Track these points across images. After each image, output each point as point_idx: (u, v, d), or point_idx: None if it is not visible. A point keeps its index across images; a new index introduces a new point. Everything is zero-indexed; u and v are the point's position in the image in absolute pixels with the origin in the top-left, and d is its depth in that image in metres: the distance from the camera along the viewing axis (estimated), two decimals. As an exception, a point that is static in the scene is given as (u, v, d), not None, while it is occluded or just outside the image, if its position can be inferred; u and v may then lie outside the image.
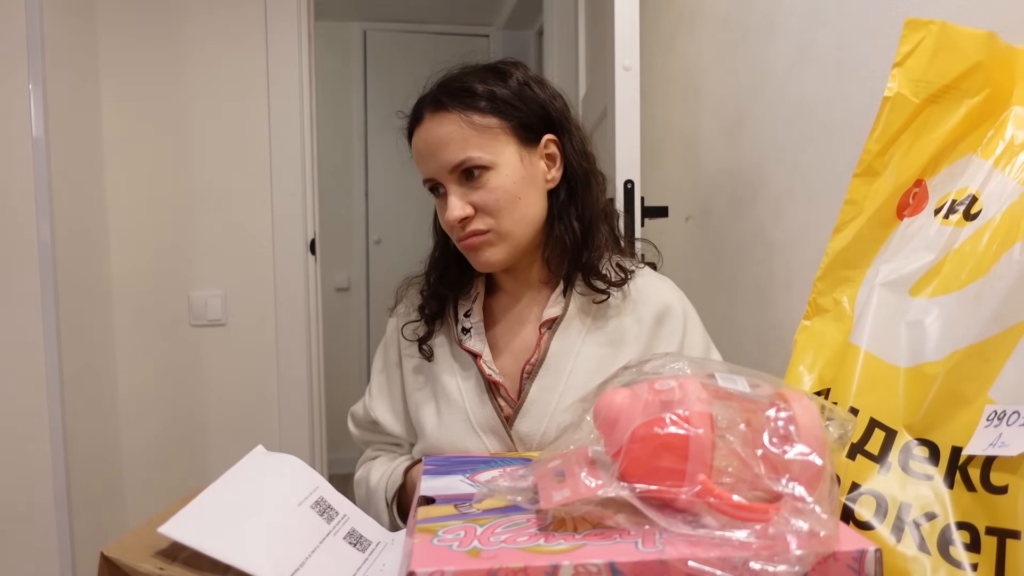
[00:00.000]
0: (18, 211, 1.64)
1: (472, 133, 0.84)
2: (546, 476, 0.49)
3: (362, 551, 0.60)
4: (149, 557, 0.54)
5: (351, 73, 3.67)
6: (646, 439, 0.44)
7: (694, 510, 0.43)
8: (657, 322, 0.90)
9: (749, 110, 1.35)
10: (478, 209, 0.84)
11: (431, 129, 0.86)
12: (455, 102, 0.85)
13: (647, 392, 0.47)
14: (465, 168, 0.84)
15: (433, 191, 0.89)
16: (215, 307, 2.14)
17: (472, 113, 0.85)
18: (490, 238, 0.86)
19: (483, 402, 0.88)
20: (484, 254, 0.86)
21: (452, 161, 0.84)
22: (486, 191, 0.84)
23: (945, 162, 0.68)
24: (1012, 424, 0.50)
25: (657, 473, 0.44)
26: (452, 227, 0.87)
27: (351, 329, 3.64)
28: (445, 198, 0.86)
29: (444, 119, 0.85)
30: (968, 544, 0.50)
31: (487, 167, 0.84)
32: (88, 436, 1.86)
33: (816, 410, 0.46)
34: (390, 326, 1.01)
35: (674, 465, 0.43)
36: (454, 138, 0.84)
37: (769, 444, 0.44)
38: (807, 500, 0.41)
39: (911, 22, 0.69)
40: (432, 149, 0.85)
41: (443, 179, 0.86)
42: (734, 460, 0.43)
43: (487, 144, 0.85)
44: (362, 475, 0.98)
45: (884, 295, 0.66)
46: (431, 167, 0.86)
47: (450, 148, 0.84)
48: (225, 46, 2.10)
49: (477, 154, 0.84)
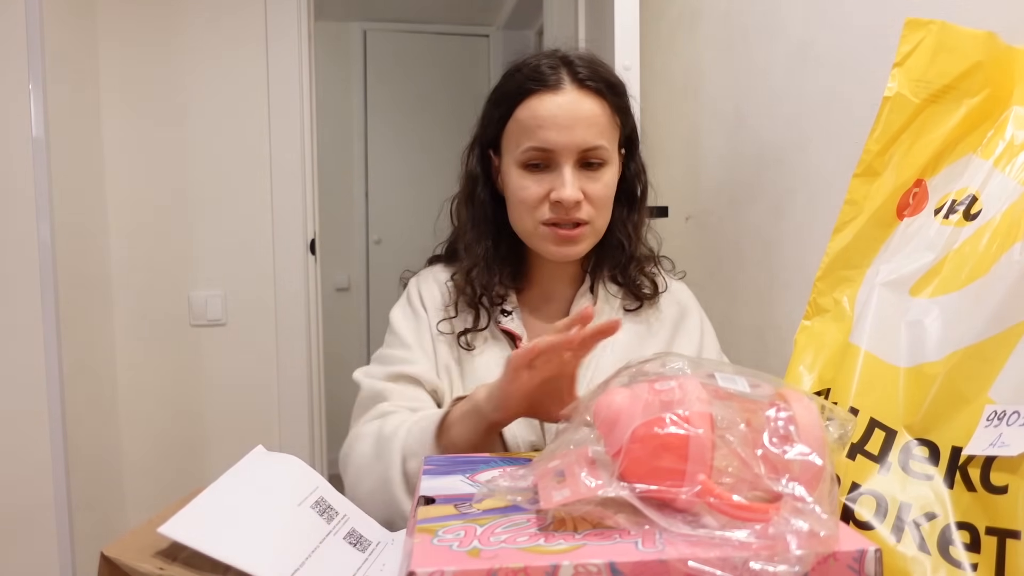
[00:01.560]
0: (18, 211, 1.64)
1: (609, 126, 0.87)
2: (546, 476, 0.49)
3: (362, 551, 0.60)
4: (149, 557, 0.54)
5: (351, 73, 3.67)
6: (646, 439, 0.44)
7: (694, 510, 0.43)
8: (677, 320, 0.95)
9: (749, 110, 1.35)
10: (587, 198, 0.85)
11: (578, 102, 0.84)
12: (606, 91, 0.87)
13: (647, 392, 0.47)
14: (592, 155, 0.85)
15: (530, 163, 0.86)
16: (215, 307, 2.14)
17: (613, 108, 0.87)
18: (586, 231, 0.87)
19: None
20: (579, 246, 0.88)
21: (590, 142, 0.84)
22: (600, 184, 0.86)
23: (945, 162, 0.68)
24: (1012, 424, 0.50)
25: (657, 473, 0.44)
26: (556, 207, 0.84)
27: (351, 329, 3.64)
28: (544, 173, 0.85)
29: (593, 99, 0.85)
30: (968, 544, 0.50)
31: (606, 162, 0.86)
32: (88, 436, 1.86)
33: (816, 410, 0.46)
34: (411, 288, 0.97)
35: (674, 465, 0.43)
36: (599, 122, 0.85)
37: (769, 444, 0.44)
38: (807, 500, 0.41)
39: (911, 22, 0.69)
40: (571, 121, 0.83)
41: (564, 156, 0.84)
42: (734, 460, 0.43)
43: (612, 140, 0.88)
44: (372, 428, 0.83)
45: (884, 295, 0.66)
46: (560, 137, 0.83)
47: (591, 129, 0.84)
48: (225, 46, 2.10)
49: (608, 146, 0.86)
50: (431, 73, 3.65)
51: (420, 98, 3.65)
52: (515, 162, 0.87)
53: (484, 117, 0.93)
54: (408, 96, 3.67)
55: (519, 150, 0.86)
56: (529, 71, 0.87)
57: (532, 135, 0.84)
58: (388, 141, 3.69)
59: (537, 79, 0.85)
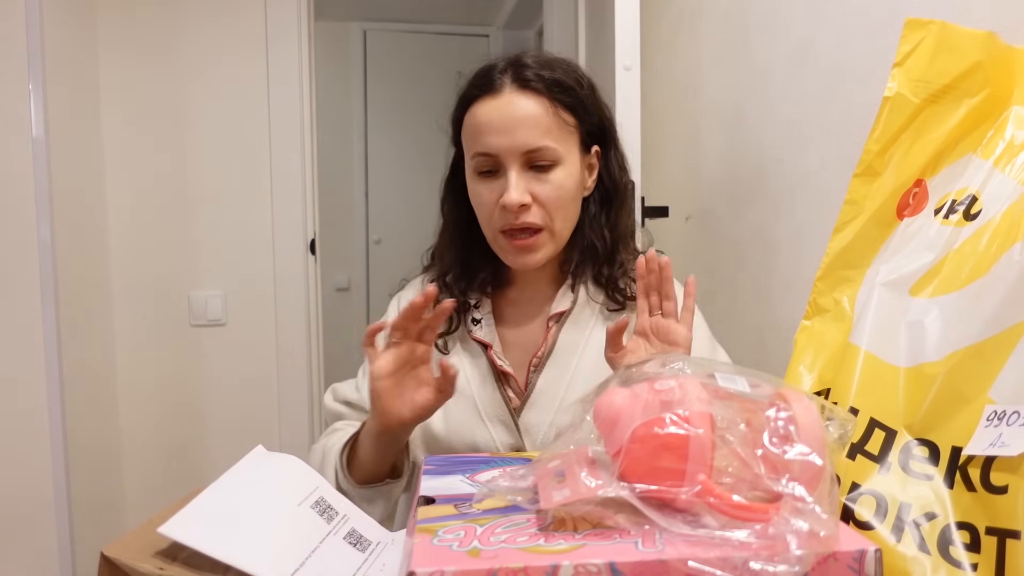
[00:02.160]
0: (18, 211, 1.64)
1: (555, 124, 0.84)
2: (546, 476, 0.49)
3: (362, 551, 0.60)
4: (149, 557, 0.54)
5: (351, 73, 3.67)
6: (646, 439, 0.44)
7: (694, 510, 0.43)
8: None
9: (749, 110, 1.35)
10: (537, 201, 0.83)
11: (514, 104, 0.83)
12: (545, 88, 0.84)
13: (647, 392, 0.47)
14: (537, 156, 0.82)
15: (481, 171, 0.85)
16: (215, 307, 2.14)
17: (559, 105, 0.84)
18: (541, 238, 0.85)
19: (492, 392, 0.88)
20: (535, 254, 0.86)
21: (530, 144, 0.82)
22: (551, 186, 0.83)
23: (945, 162, 0.68)
24: (1012, 424, 0.50)
25: (657, 473, 0.44)
26: (504, 212, 0.83)
27: (351, 329, 3.64)
28: (495, 179, 0.84)
29: (531, 99, 0.83)
30: (968, 544, 0.50)
31: (557, 162, 0.84)
32: (88, 436, 1.86)
33: (816, 410, 0.46)
34: (391, 307, 0.99)
35: (674, 465, 0.43)
36: (540, 123, 0.83)
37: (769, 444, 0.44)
38: (807, 500, 0.41)
39: (911, 22, 0.69)
40: (509, 124, 0.82)
41: (508, 159, 0.82)
42: (734, 460, 0.43)
43: (563, 139, 0.85)
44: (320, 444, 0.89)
45: (884, 295, 0.66)
46: (501, 142, 0.82)
47: (532, 130, 0.82)
48: (225, 46, 2.10)
49: (555, 145, 0.83)
50: (431, 73, 3.65)
51: (420, 98, 3.65)
52: (470, 169, 0.87)
53: (451, 126, 0.93)
54: (408, 96, 3.67)
55: (469, 156, 0.86)
56: (476, 77, 0.87)
57: (476, 141, 0.84)
58: (388, 141, 3.69)
59: (479, 84, 0.85)
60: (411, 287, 1.01)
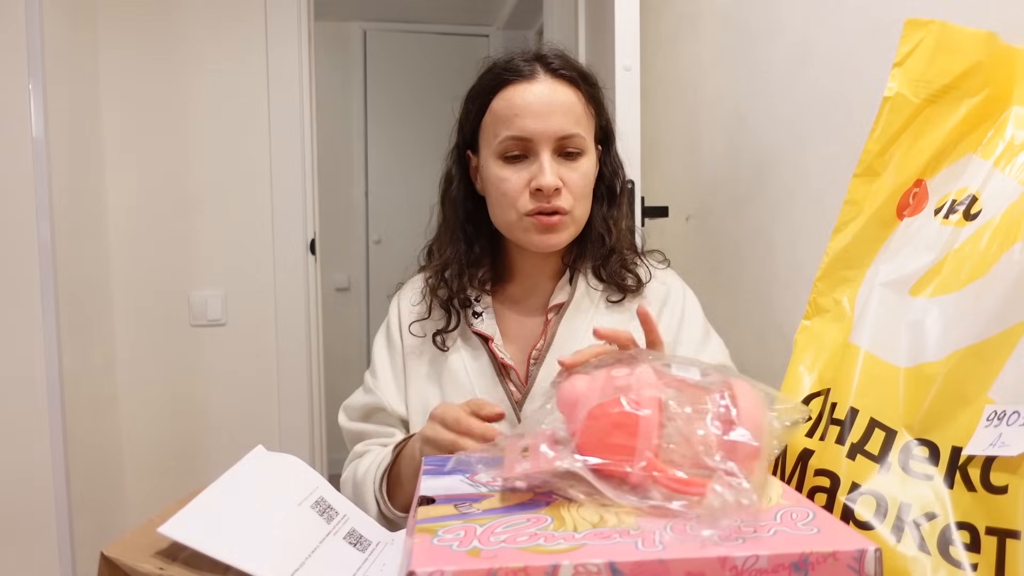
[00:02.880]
0: (18, 211, 1.64)
1: (585, 115, 0.87)
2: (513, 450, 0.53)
3: (362, 551, 0.60)
4: (149, 557, 0.54)
5: (351, 73, 3.67)
6: (600, 418, 0.50)
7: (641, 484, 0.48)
8: (663, 300, 0.94)
9: (749, 110, 1.35)
10: (566, 187, 0.85)
11: (551, 90, 0.85)
12: (579, 80, 0.87)
13: (604, 378, 0.53)
14: (569, 143, 0.85)
15: (508, 154, 0.86)
16: (215, 307, 2.14)
17: (588, 99, 0.88)
18: (566, 220, 0.87)
19: (494, 385, 0.89)
20: (560, 235, 0.87)
21: (566, 130, 0.84)
22: (578, 174, 0.86)
23: (945, 162, 0.68)
24: (1012, 424, 0.50)
25: (609, 449, 0.48)
26: (536, 195, 0.84)
27: (351, 329, 3.64)
28: (523, 163, 0.85)
29: (567, 88, 0.86)
30: (968, 544, 0.50)
31: (583, 151, 0.87)
32: (88, 436, 1.86)
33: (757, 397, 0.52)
34: (392, 307, 1.00)
35: (624, 442, 0.48)
36: (573, 110, 0.85)
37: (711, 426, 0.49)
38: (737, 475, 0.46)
39: (911, 22, 0.69)
40: (546, 109, 0.84)
41: (541, 144, 0.84)
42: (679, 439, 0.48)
43: (588, 130, 0.88)
44: (348, 474, 0.91)
45: (884, 295, 0.66)
46: (536, 126, 0.84)
47: (567, 117, 0.85)
48: (225, 45, 2.10)
49: (584, 135, 0.86)
50: (431, 73, 3.65)
51: (420, 98, 3.65)
52: (493, 155, 0.87)
53: (461, 116, 0.94)
54: (408, 96, 3.67)
55: (496, 141, 0.86)
56: (503, 64, 0.88)
57: (509, 124, 0.85)
58: (388, 141, 3.69)
59: (511, 70, 0.87)
60: (410, 286, 1.01)
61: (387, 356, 0.97)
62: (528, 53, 0.89)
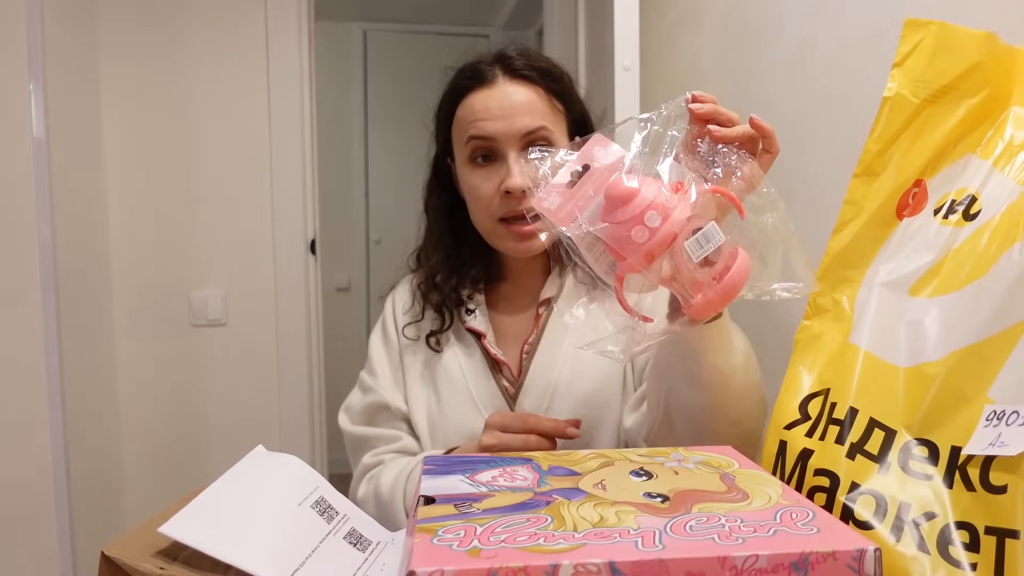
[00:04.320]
0: (18, 211, 1.64)
1: (548, 110, 0.87)
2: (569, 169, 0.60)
3: (362, 551, 0.60)
4: (149, 557, 0.54)
5: (351, 73, 3.67)
6: (630, 222, 0.55)
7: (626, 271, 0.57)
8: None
9: (749, 110, 1.35)
10: None
11: (509, 92, 0.85)
12: (538, 77, 0.87)
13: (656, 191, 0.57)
14: (535, 138, 0.84)
15: (476, 157, 0.86)
16: (215, 307, 2.14)
17: (551, 94, 0.87)
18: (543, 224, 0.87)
19: (487, 380, 0.90)
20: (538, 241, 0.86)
21: (529, 126, 0.84)
22: None
23: (945, 162, 0.68)
24: (1011, 424, 0.50)
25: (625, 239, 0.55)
26: (506, 199, 0.84)
27: (351, 329, 3.64)
28: (491, 167, 0.85)
29: (525, 87, 0.86)
30: (967, 544, 0.51)
31: (553, 146, 0.85)
32: (88, 436, 1.86)
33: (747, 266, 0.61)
34: (387, 306, 1.01)
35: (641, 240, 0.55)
36: (536, 107, 0.85)
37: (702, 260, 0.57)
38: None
39: (911, 22, 0.69)
40: (506, 111, 0.84)
41: (506, 144, 0.84)
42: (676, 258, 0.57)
43: (556, 125, 0.87)
44: (368, 491, 0.88)
45: (884, 295, 0.66)
46: (499, 127, 0.84)
47: (529, 115, 0.84)
48: (225, 45, 2.10)
49: (552, 127, 0.86)
50: (431, 73, 3.63)
51: (420, 98, 3.62)
52: (464, 161, 0.88)
53: (435, 125, 0.95)
54: (408, 96, 3.67)
55: (462, 146, 0.87)
56: (465, 71, 0.89)
57: (472, 127, 0.85)
58: (388, 141, 3.69)
59: (471, 77, 0.87)
60: (402, 287, 1.02)
61: (384, 353, 0.97)
62: (489, 55, 0.89)
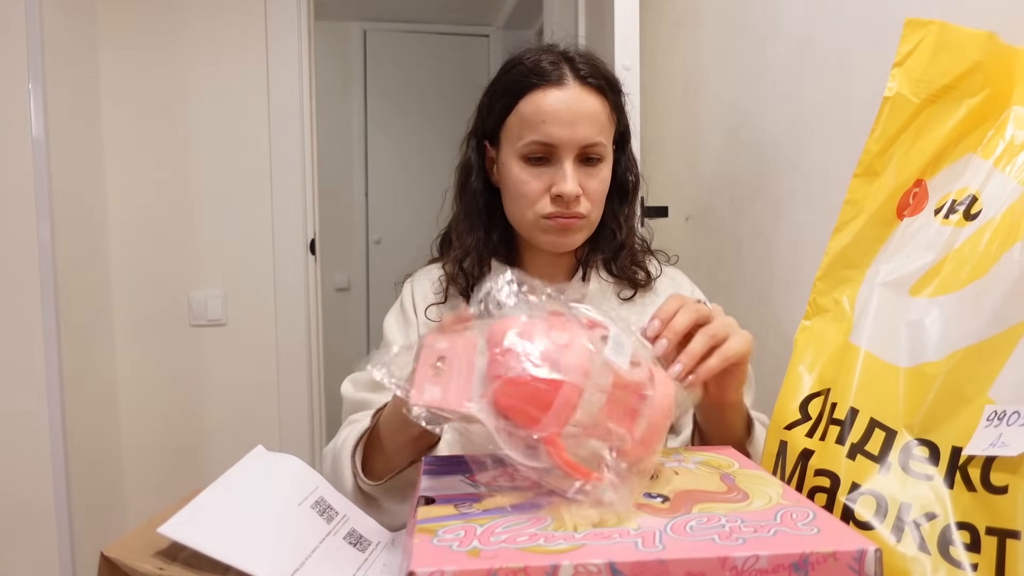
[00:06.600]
0: (18, 211, 1.64)
1: (607, 123, 0.89)
2: (428, 360, 0.52)
3: (362, 551, 0.60)
4: (149, 557, 0.54)
5: (351, 73, 3.67)
6: (521, 383, 0.48)
7: (537, 449, 0.49)
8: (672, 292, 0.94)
9: (749, 110, 1.35)
10: (585, 193, 0.87)
11: (580, 99, 0.86)
12: (607, 87, 0.88)
13: (542, 335, 0.50)
14: (591, 151, 0.86)
15: (531, 156, 0.87)
16: (215, 307, 2.14)
17: (612, 107, 0.89)
18: (582, 223, 0.89)
19: None
20: (575, 236, 0.90)
21: (590, 139, 0.85)
22: (597, 180, 0.88)
23: (945, 162, 0.68)
24: (1012, 424, 0.50)
25: (520, 412, 0.48)
26: (556, 201, 0.86)
27: (351, 329, 3.64)
28: (544, 167, 0.86)
29: (595, 97, 0.87)
30: (968, 544, 0.50)
31: (604, 158, 0.88)
32: (88, 436, 1.86)
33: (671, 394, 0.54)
34: (405, 291, 0.99)
35: (536, 413, 0.48)
36: (600, 120, 0.87)
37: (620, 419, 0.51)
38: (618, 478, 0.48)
39: (911, 22, 0.69)
40: (574, 117, 0.85)
41: (565, 151, 0.85)
42: (588, 423, 0.49)
43: (610, 138, 0.90)
44: (329, 447, 0.85)
45: (884, 295, 0.66)
46: (563, 133, 0.85)
47: (593, 126, 0.86)
48: (225, 45, 2.10)
49: (606, 143, 0.88)
50: (431, 73, 3.65)
51: (420, 98, 3.65)
52: (515, 155, 0.88)
53: (482, 109, 0.94)
54: (408, 96, 3.67)
55: (521, 143, 0.87)
56: (531, 65, 0.87)
57: (535, 129, 0.85)
58: (388, 141, 3.69)
59: (540, 73, 0.86)
60: (423, 275, 0.99)
61: (401, 331, 0.95)
62: (555, 53, 0.89)
